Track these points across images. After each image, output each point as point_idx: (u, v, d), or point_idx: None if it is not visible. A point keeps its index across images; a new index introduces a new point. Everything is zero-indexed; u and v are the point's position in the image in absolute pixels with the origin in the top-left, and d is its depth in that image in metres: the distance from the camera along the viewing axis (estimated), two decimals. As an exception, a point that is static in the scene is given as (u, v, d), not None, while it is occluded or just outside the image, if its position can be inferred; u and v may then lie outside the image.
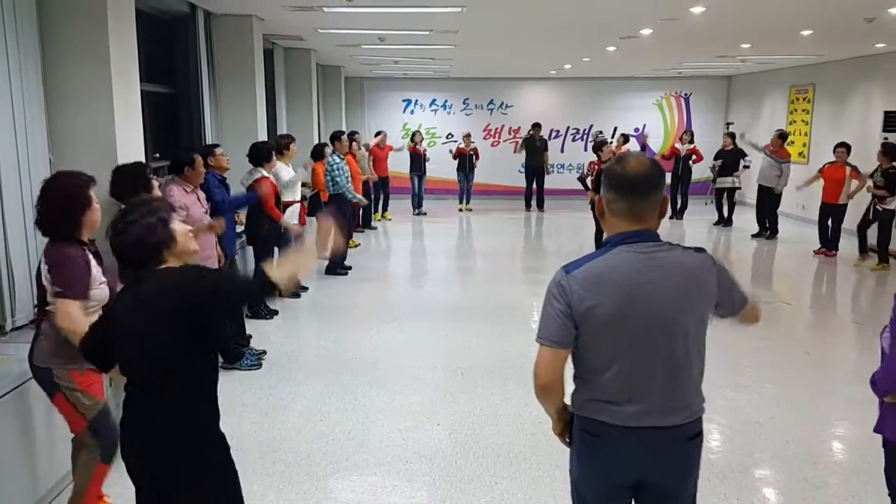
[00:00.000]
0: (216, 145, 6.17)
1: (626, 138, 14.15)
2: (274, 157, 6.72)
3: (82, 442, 3.16)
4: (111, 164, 4.38)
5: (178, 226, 2.42)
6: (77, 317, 2.87)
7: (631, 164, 2.12)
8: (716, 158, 12.94)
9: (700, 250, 2.19)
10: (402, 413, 4.79)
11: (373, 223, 12.53)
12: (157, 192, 4.29)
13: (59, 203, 3.00)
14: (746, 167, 12.92)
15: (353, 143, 10.40)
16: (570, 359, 2.20)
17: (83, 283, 2.95)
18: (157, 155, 6.70)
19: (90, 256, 3.05)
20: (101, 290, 3.05)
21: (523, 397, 4.75)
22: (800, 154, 13.26)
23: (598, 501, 2.28)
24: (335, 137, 9.12)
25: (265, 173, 6.56)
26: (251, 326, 6.27)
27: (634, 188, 2.10)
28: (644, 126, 16.14)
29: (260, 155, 6.59)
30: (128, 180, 4.20)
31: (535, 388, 2.20)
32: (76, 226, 3.01)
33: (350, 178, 8.92)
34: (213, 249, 5.33)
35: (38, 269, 3.09)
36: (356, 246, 10.56)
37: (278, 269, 2.42)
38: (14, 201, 3.99)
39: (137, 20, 4.87)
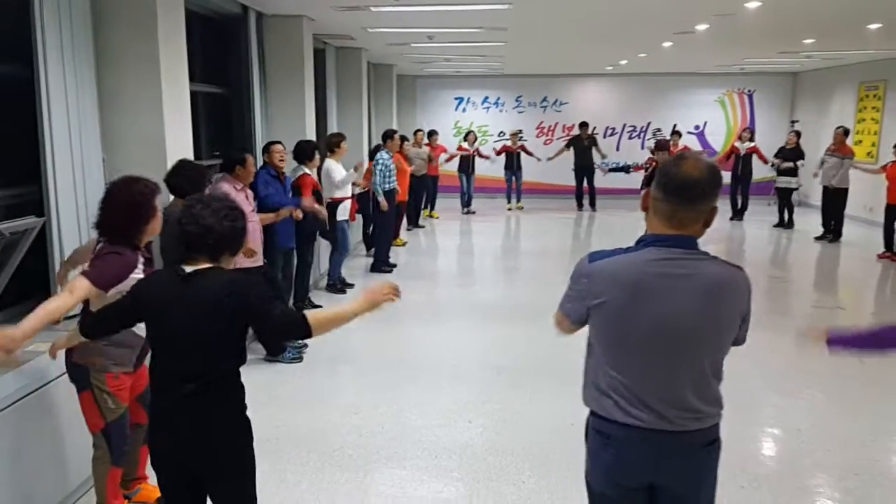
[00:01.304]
0: (277, 142, 6.34)
1: (678, 135, 13.93)
2: (317, 156, 6.84)
3: (95, 442, 3.26)
4: (160, 163, 4.57)
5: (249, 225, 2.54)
6: (79, 294, 2.83)
7: (686, 167, 2.04)
8: (776, 155, 12.57)
9: (738, 268, 2.15)
10: (435, 409, 4.86)
11: (421, 221, 12.61)
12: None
13: (124, 210, 3.01)
14: (795, 167, 12.45)
15: (404, 141, 10.47)
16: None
17: (112, 279, 2.94)
18: (217, 153, 6.91)
19: (140, 263, 3.04)
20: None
21: (558, 398, 4.76)
22: (868, 154, 12.80)
23: (607, 501, 2.27)
24: (388, 136, 9.27)
25: (307, 171, 6.70)
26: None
27: (683, 194, 2.04)
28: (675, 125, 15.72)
29: (303, 153, 6.74)
30: (188, 179, 4.36)
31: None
32: (137, 233, 3.04)
33: (394, 176, 9.01)
34: (259, 246, 5.48)
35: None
36: (403, 244, 10.66)
37: (319, 313, 2.55)
38: (68, 198, 4.19)
39: (192, 22, 5.04)
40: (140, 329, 2.66)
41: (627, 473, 2.18)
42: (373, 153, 9.41)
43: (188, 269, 2.41)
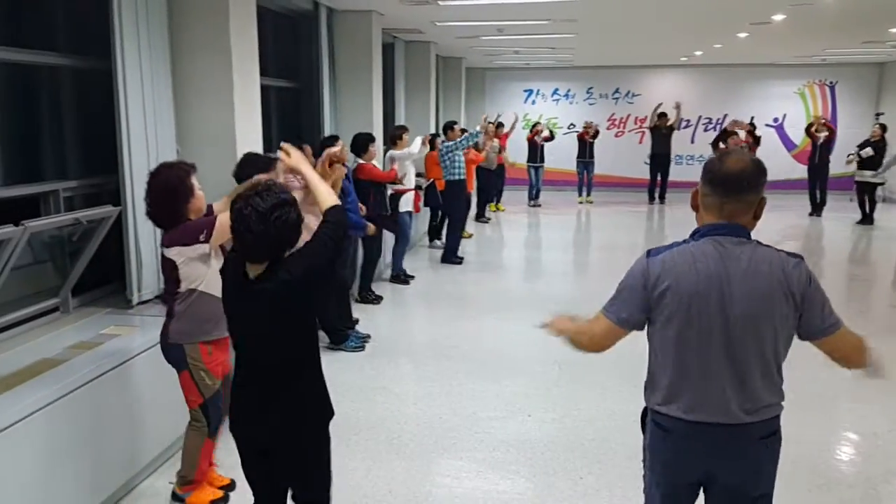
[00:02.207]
0: (336, 137, 6.44)
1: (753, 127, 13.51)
2: (371, 148, 6.91)
3: (193, 416, 3.42)
4: (231, 154, 4.71)
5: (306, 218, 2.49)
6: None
7: (730, 161, 2.10)
8: (861, 147, 12.03)
9: (796, 256, 2.12)
10: (494, 402, 4.87)
11: (487, 214, 12.59)
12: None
13: (163, 195, 3.18)
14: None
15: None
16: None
17: (195, 232, 3.16)
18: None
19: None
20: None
21: (619, 394, 4.73)
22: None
23: (665, 493, 2.30)
24: (448, 127, 9.33)
25: (361, 161, 6.79)
26: (358, 311, 6.55)
27: (729, 186, 2.08)
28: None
29: (357, 146, 6.82)
30: (256, 169, 4.49)
31: (577, 347, 2.36)
32: (182, 214, 3.20)
33: (461, 166, 9.04)
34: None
35: (162, 256, 3.28)
36: (469, 236, 10.70)
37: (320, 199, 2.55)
38: (143, 188, 4.35)
39: (266, 18, 5.17)
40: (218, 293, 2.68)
41: (684, 466, 2.21)
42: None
43: (251, 272, 2.39)
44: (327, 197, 2.57)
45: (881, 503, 3.73)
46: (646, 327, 2.22)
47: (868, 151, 11.69)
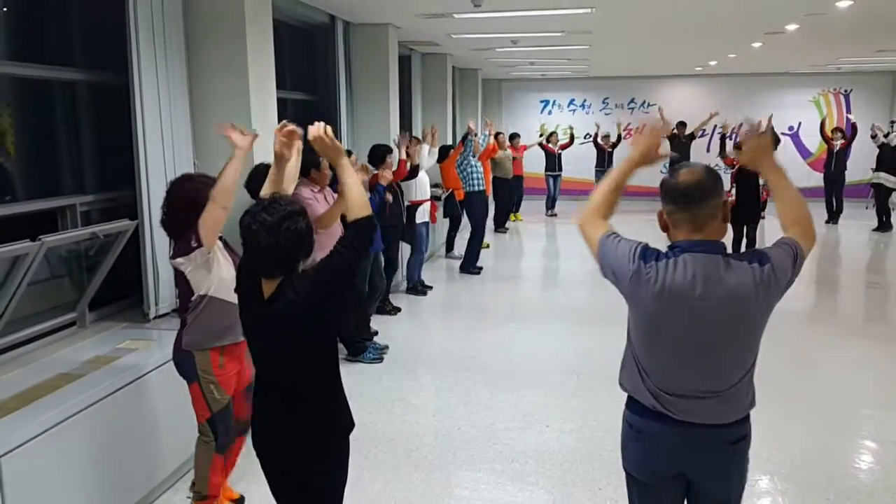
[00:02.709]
0: (349, 152, 6.46)
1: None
2: (388, 159, 6.91)
3: (201, 431, 3.41)
4: (247, 167, 4.72)
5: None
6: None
7: (682, 175, 2.16)
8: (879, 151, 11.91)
9: (764, 260, 2.12)
10: (512, 413, 4.84)
11: (506, 224, 12.55)
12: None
13: (182, 207, 3.20)
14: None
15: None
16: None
17: (187, 240, 3.16)
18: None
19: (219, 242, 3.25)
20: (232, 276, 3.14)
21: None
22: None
23: (644, 486, 2.37)
24: (467, 136, 9.31)
25: (374, 171, 6.79)
26: (377, 322, 6.54)
27: (689, 198, 2.14)
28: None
29: (374, 157, 6.83)
30: (264, 179, 4.52)
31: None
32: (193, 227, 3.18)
33: (480, 176, 9.04)
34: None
35: (175, 270, 3.29)
36: (486, 247, 10.68)
37: (349, 207, 2.41)
38: (160, 202, 4.37)
39: (281, 31, 5.20)
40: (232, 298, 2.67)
41: (659, 461, 2.28)
42: (441, 154, 9.35)
43: (265, 291, 2.35)
44: (359, 203, 2.40)
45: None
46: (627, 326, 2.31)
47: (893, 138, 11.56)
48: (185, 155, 4.62)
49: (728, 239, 2.37)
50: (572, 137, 14.47)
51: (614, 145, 14.54)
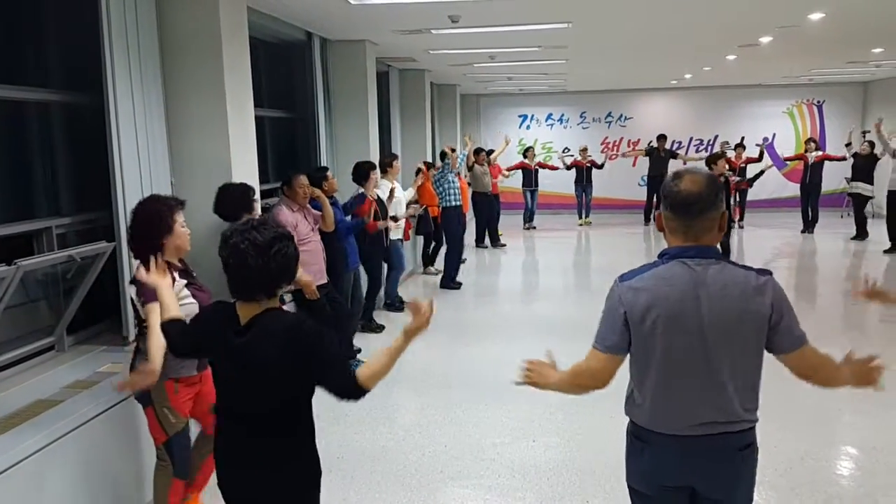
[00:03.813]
0: (326, 168, 6.44)
1: (742, 148, 13.70)
2: (373, 176, 6.92)
3: (158, 454, 3.34)
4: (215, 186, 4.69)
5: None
6: (155, 323, 2.95)
7: (685, 184, 2.12)
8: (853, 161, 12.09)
9: (766, 272, 2.14)
10: (498, 428, 4.82)
11: (485, 241, 12.56)
12: (257, 213, 4.54)
13: (144, 227, 3.17)
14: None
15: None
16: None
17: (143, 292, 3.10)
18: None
19: (174, 274, 3.17)
20: (186, 306, 3.15)
21: (622, 416, 4.63)
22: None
23: (648, 500, 2.31)
24: (445, 155, 9.35)
25: (363, 191, 6.80)
26: (360, 339, 6.49)
27: (688, 208, 2.12)
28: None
29: (358, 174, 6.83)
30: (232, 200, 4.50)
31: (580, 390, 2.35)
32: (158, 249, 3.11)
33: (456, 192, 9.06)
34: (321, 264, 5.58)
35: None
36: (463, 261, 10.65)
37: (373, 366, 2.35)
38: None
39: (258, 49, 5.17)
40: None
41: (665, 475, 2.23)
42: (419, 170, 9.37)
43: (241, 312, 2.29)
44: (378, 376, 2.34)
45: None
46: None
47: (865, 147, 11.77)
48: (162, 175, 4.57)
49: None
50: (541, 164, 14.48)
51: (593, 163, 14.63)
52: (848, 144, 12.33)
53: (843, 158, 12.59)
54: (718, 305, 2.08)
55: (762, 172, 12.64)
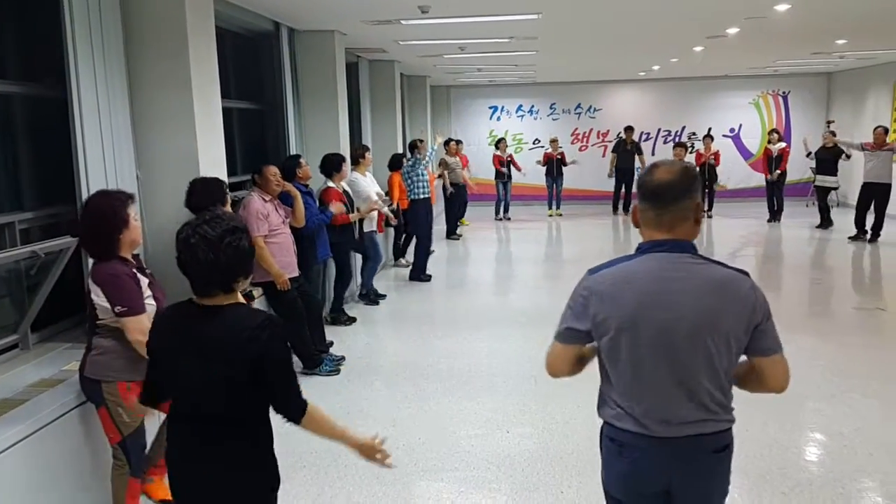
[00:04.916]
0: (299, 156, 6.38)
1: (710, 139, 13.92)
2: (344, 168, 6.87)
3: (114, 454, 3.29)
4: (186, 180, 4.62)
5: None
6: (139, 331, 2.98)
7: (659, 173, 2.10)
8: (817, 153, 12.28)
9: (742, 272, 2.11)
10: (473, 420, 4.82)
11: (458, 231, 12.61)
12: (229, 207, 4.48)
13: (95, 223, 3.10)
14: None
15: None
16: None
17: (139, 296, 3.09)
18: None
19: (135, 272, 3.15)
20: (148, 305, 3.14)
21: (594, 406, 4.67)
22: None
23: None
24: (413, 146, 9.29)
25: (331, 184, 6.74)
26: (331, 333, 6.46)
27: (661, 197, 2.08)
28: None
29: (330, 166, 6.78)
30: (204, 193, 4.43)
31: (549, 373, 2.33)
32: (114, 245, 3.10)
33: (425, 185, 9.03)
34: (292, 257, 5.52)
35: (87, 286, 3.18)
36: (431, 252, 10.62)
37: (319, 415, 2.35)
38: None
39: (225, 39, 5.07)
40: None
41: (642, 480, 2.19)
42: (392, 162, 9.31)
43: (204, 303, 2.23)
44: (318, 425, 2.36)
45: (853, 500, 3.77)
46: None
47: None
48: (127, 168, 4.47)
49: None
50: (512, 158, 14.49)
51: (563, 156, 14.68)
52: (808, 154, 12.52)
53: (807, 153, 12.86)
54: (695, 303, 2.03)
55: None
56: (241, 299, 2.31)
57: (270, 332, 2.20)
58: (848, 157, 11.91)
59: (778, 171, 12.91)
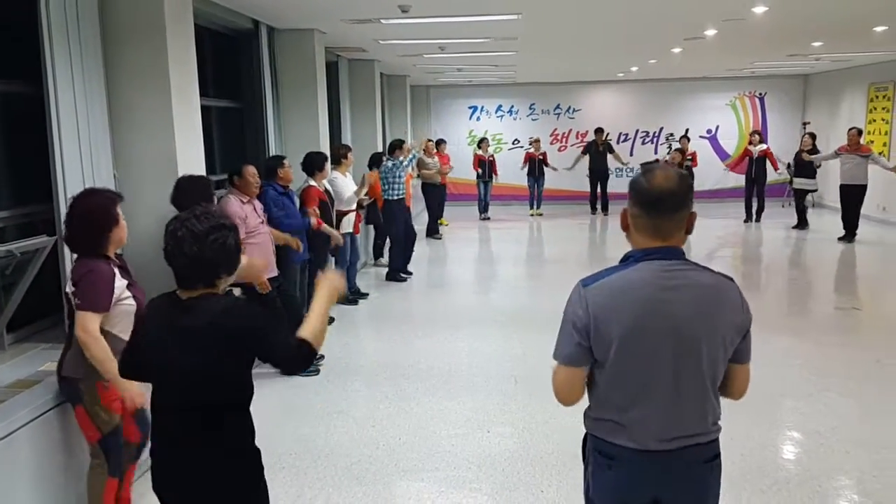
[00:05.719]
0: (283, 157, 6.32)
1: (687, 140, 14.15)
2: (327, 167, 6.85)
3: (92, 453, 3.25)
4: (173, 178, 4.58)
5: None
6: (93, 330, 2.98)
7: (657, 180, 2.02)
8: (795, 157, 12.47)
9: (727, 277, 2.10)
10: (453, 420, 4.82)
11: (439, 232, 12.62)
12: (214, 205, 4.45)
13: (84, 221, 3.08)
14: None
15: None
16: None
17: (106, 297, 3.05)
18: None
19: (116, 271, 3.13)
20: (127, 305, 3.12)
21: (575, 407, 4.70)
22: (879, 154, 12.69)
23: None
24: (394, 146, 9.27)
25: (313, 183, 6.71)
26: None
27: (659, 206, 2.02)
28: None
29: (312, 165, 6.75)
30: (191, 191, 4.39)
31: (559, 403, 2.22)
32: (101, 243, 3.08)
33: (401, 185, 9.00)
34: (271, 257, 5.49)
35: (65, 286, 3.18)
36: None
37: (307, 327, 2.32)
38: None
39: (204, 37, 5.03)
40: (126, 335, 2.64)
41: (632, 492, 2.13)
42: (372, 161, 9.32)
43: (183, 296, 2.26)
44: (319, 334, 2.34)
45: (830, 498, 3.83)
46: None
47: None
48: (104, 167, 4.42)
49: None
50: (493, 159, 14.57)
51: (545, 156, 14.76)
52: (789, 167, 12.78)
53: (777, 169, 13.17)
54: (694, 311, 2.00)
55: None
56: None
57: (234, 313, 2.22)
58: (819, 166, 12.13)
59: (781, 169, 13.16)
